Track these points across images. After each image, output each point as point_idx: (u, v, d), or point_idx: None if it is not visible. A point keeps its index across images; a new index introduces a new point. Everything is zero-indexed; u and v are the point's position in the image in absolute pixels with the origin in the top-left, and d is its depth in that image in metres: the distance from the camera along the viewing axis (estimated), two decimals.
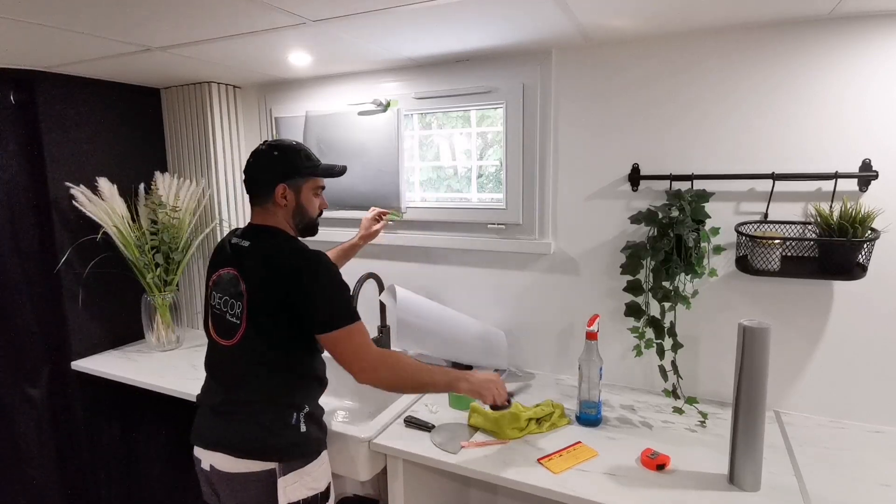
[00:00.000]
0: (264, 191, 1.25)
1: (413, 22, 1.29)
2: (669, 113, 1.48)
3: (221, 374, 1.26)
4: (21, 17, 1.23)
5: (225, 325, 1.23)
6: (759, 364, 1.08)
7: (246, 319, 1.19)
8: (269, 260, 1.20)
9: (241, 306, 1.20)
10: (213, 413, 1.24)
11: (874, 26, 1.25)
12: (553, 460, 1.23)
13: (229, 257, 1.26)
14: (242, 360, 1.21)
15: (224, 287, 1.24)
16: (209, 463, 1.21)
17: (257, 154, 1.27)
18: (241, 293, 1.20)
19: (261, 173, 1.26)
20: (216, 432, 1.21)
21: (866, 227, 1.26)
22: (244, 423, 1.19)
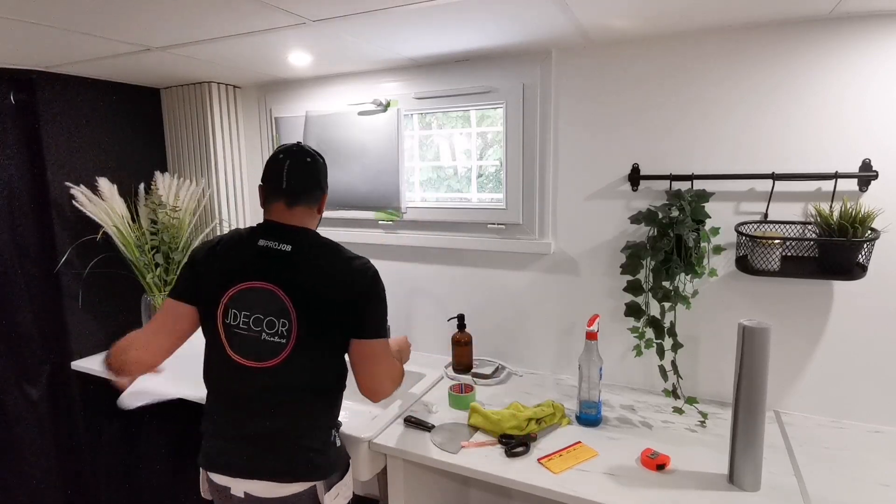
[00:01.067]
0: (316, 196, 1.20)
1: (413, 22, 1.29)
2: (669, 113, 1.48)
3: (253, 402, 1.13)
4: (21, 17, 1.22)
5: (257, 347, 1.11)
6: (759, 364, 1.08)
7: (295, 338, 1.10)
8: (326, 271, 1.12)
9: (289, 324, 1.09)
10: (247, 443, 1.14)
11: (874, 26, 1.25)
12: (553, 460, 1.23)
13: (258, 267, 1.12)
14: (285, 384, 1.12)
15: (253, 304, 1.11)
16: (244, 490, 1.14)
17: (315, 157, 1.20)
18: (286, 310, 1.09)
19: (319, 178, 1.20)
20: (254, 462, 1.13)
21: (866, 227, 1.26)
22: (287, 450, 1.13)
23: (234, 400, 1.16)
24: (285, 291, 1.10)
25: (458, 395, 1.52)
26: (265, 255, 1.13)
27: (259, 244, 1.14)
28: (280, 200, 1.16)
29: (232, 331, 1.13)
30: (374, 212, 1.93)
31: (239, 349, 1.13)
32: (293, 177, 1.16)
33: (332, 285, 1.12)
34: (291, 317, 1.10)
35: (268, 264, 1.13)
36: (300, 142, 1.26)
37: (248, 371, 1.12)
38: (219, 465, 1.16)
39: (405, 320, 1.98)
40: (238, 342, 1.13)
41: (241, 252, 1.16)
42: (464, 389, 1.54)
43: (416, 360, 1.89)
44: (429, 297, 1.92)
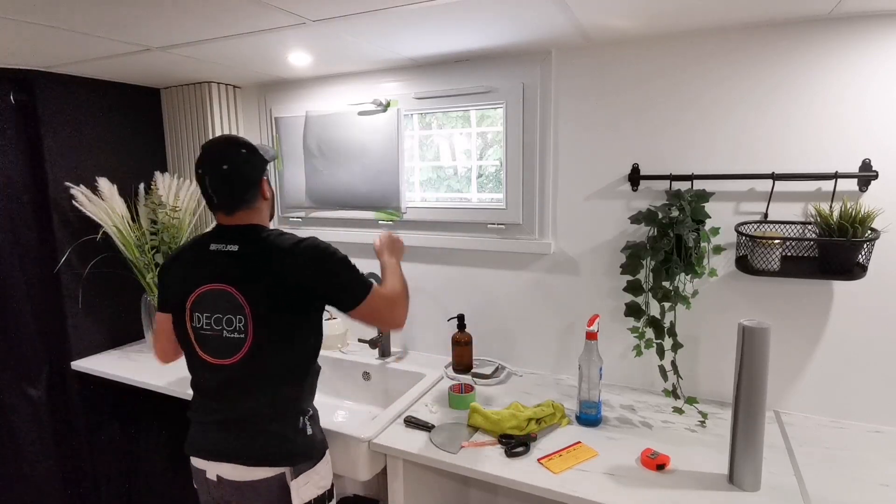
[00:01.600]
0: (253, 192, 1.21)
1: (413, 22, 1.29)
2: (669, 113, 1.48)
3: (222, 395, 1.20)
4: (21, 17, 1.22)
5: (220, 345, 1.17)
6: (759, 364, 1.08)
7: (252, 332, 1.14)
8: (271, 262, 1.15)
9: (244, 320, 1.14)
10: (218, 428, 1.21)
11: (874, 26, 1.25)
12: (553, 460, 1.23)
13: (212, 269, 1.17)
14: (248, 377, 1.17)
15: (212, 305, 1.16)
16: (216, 473, 1.20)
17: (230, 161, 1.18)
18: (241, 306, 1.14)
19: (246, 178, 1.19)
20: (224, 445, 1.20)
21: (866, 227, 1.26)
22: (255, 435, 1.18)
23: (208, 391, 1.23)
24: (237, 289, 1.15)
25: (458, 395, 1.52)
26: (216, 257, 1.19)
27: (210, 248, 1.20)
28: (219, 212, 1.22)
29: (199, 333, 1.19)
30: (374, 212, 1.93)
31: (207, 349, 1.19)
32: (218, 192, 1.19)
33: (282, 274, 1.15)
34: (245, 312, 1.15)
35: (219, 266, 1.18)
36: (220, 138, 1.22)
37: (218, 367, 1.19)
38: (195, 448, 1.24)
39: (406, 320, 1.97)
40: (205, 342, 1.19)
41: (198, 257, 1.21)
42: (464, 389, 1.54)
43: (416, 360, 1.90)
44: (429, 297, 1.92)
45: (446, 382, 1.69)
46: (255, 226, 1.22)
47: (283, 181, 2.12)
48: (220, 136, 1.24)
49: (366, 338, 1.89)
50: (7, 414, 1.81)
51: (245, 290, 1.14)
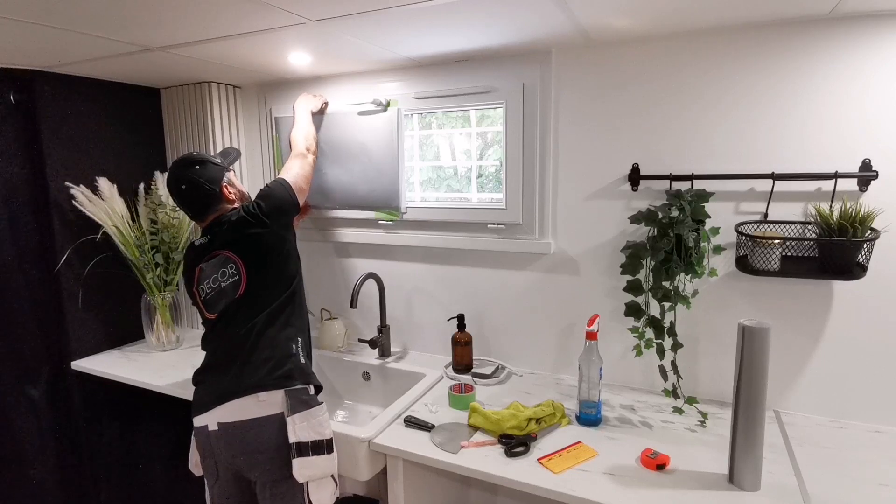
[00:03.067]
0: (214, 200, 1.44)
1: (413, 22, 1.29)
2: (669, 112, 1.48)
3: (223, 337, 1.36)
4: (21, 17, 1.23)
5: (221, 294, 1.37)
6: (759, 364, 1.08)
7: (244, 269, 1.35)
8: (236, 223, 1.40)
9: (235, 264, 1.36)
10: (218, 377, 1.34)
11: (874, 26, 1.25)
12: (553, 460, 1.23)
13: (198, 254, 1.43)
14: (246, 309, 1.35)
15: (206, 273, 1.39)
16: (216, 421, 1.29)
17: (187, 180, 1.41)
18: (228, 258, 1.37)
19: (204, 190, 1.42)
20: (222, 389, 1.31)
21: (866, 227, 1.26)
22: (252, 363, 1.31)
23: (212, 346, 1.40)
24: (221, 249, 1.39)
25: (458, 395, 1.52)
26: (198, 249, 1.45)
27: (195, 244, 1.46)
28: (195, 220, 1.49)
29: (206, 300, 1.40)
30: (374, 212, 1.93)
31: (212, 307, 1.39)
32: (188, 207, 1.45)
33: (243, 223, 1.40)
34: (233, 259, 1.37)
35: (201, 251, 1.44)
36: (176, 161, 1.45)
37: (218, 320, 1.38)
38: (198, 406, 1.34)
39: (406, 320, 1.98)
40: (210, 303, 1.39)
41: (190, 253, 1.48)
42: (464, 389, 1.54)
43: (415, 359, 1.90)
44: (429, 297, 1.92)
45: (446, 382, 1.69)
46: (218, 218, 1.44)
47: None
48: (179, 158, 1.47)
49: (366, 338, 1.89)
50: (7, 414, 1.81)
51: (228, 245, 1.38)
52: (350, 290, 1.75)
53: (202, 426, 1.32)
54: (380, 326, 1.91)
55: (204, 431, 1.32)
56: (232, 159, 1.56)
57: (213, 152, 2.10)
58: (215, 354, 1.39)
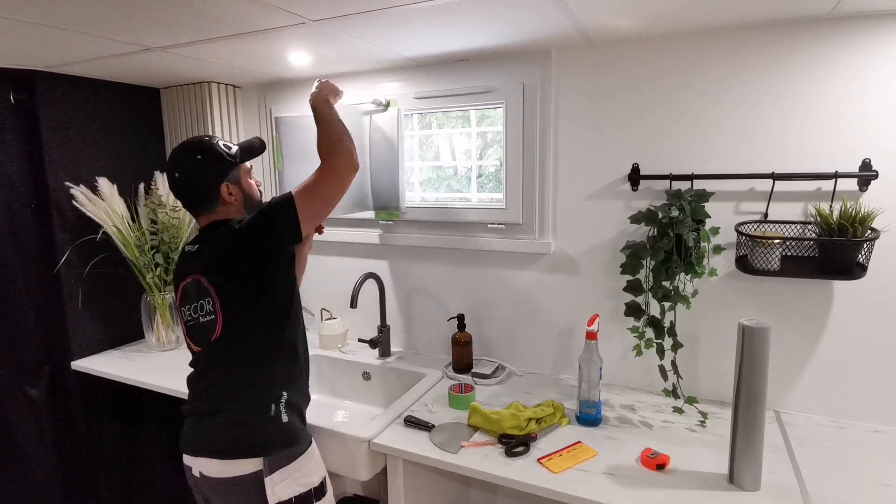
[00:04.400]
0: (208, 198, 1.25)
1: (413, 22, 1.29)
2: (669, 112, 1.48)
3: (201, 380, 1.25)
4: (21, 17, 1.22)
5: (200, 330, 1.21)
6: (759, 364, 1.08)
7: (220, 309, 1.18)
8: (220, 240, 1.21)
9: (212, 300, 1.18)
10: (197, 419, 1.23)
11: (874, 26, 1.25)
12: (553, 460, 1.23)
13: (185, 267, 1.26)
14: (221, 358, 1.21)
15: (190, 296, 1.23)
16: (199, 470, 1.20)
17: (181, 168, 1.24)
18: (206, 289, 1.19)
19: (198, 185, 1.24)
20: (200, 437, 1.21)
21: (866, 227, 1.26)
22: (225, 423, 1.19)
23: (193, 381, 1.27)
24: (202, 275, 1.20)
25: (458, 394, 1.52)
26: (187, 256, 1.28)
27: (185, 250, 1.29)
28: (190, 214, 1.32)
29: (188, 325, 1.25)
30: (373, 211, 1.93)
31: (193, 337, 1.25)
32: (179, 198, 1.28)
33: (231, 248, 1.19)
34: (211, 293, 1.19)
35: (188, 263, 1.26)
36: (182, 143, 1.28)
37: (199, 355, 1.25)
38: (183, 443, 1.25)
39: (406, 320, 1.98)
40: (192, 332, 1.24)
41: (180, 260, 1.32)
42: (464, 389, 1.54)
43: (416, 360, 1.90)
44: (429, 297, 1.92)
45: (446, 382, 1.69)
46: (216, 222, 1.26)
47: (284, 181, 2.11)
48: (186, 140, 1.29)
49: (366, 338, 1.89)
50: (7, 414, 1.81)
51: (207, 274, 1.19)
52: (350, 290, 1.75)
53: (188, 466, 1.24)
54: (380, 326, 1.91)
55: (190, 472, 1.24)
56: (250, 154, 1.33)
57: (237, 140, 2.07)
58: (196, 395, 1.26)
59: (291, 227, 1.19)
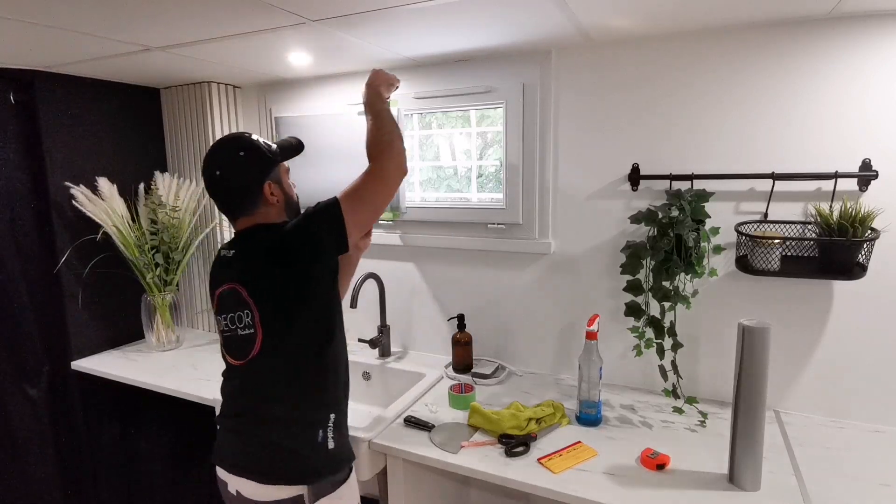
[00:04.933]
0: (250, 198, 1.15)
1: (413, 22, 1.29)
2: (669, 113, 1.48)
3: (242, 397, 1.16)
4: (21, 17, 1.22)
5: (238, 343, 1.13)
6: (759, 364, 1.08)
7: (259, 323, 1.09)
8: (260, 247, 1.12)
9: (251, 313, 1.10)
10: (237, 437, 1.15)
11: (874, 26, 1.25)
12: (553, 460, 1.23)
13: (221, 273, 1.17)
14: (262, 377, 1.13)
15: (226, 305, 1.14)
16: (236, 489, 1.13)
17: (222, 166, 1.14)
18: (245, 301, 1.10)
19: (239, 183, 1.14)
20: (241, 458, 1.14)
21: (866, 227, 1.26)
22: (270, 447, 1.11)
23: (230, 394, 1.20)
24: (241, 285, 1.11)
25: (458, 394, 1.52)
26: (224, 261, 1.18)
27: (221, 254, 1.19)
28: (226, 217, 1.21)
29: (224, 335, 1.17)
30: None
31: (228, 349, 1.17)
32: (217, 198, 1.18)
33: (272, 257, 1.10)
34: (250, 306, 1.10)
35: (226, 269, 1.16)
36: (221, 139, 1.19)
37: (237, 369, 1.16)
38: (219, 457, 1.18)
39: (406, 320, 1.98)
40: (228, 343, 1.17)
41: (216, 263, 1.21)
42: (464, 389, 1.54)
43: (415, 360, 1.90)
44: (429, 297, 1.92)
45: (446, 382, 1.69)
46: (256, 226, 1.17)
47: None
48: (225, 136, 1.20)
49: (366, 338, 1.89)
50: (7, 414, 1.81)
51: (246, 284, 1.11)
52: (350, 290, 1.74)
53: (223, 480, 1.17)
54: (380, 326, 1.91)
55: (225, 487, 1.17)
56: (290, 153, 1.25)
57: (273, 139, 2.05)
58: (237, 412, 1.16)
59: (338, 236, 1.11)
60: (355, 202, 1.13)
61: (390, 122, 1.21)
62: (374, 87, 1.26)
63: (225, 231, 2.14)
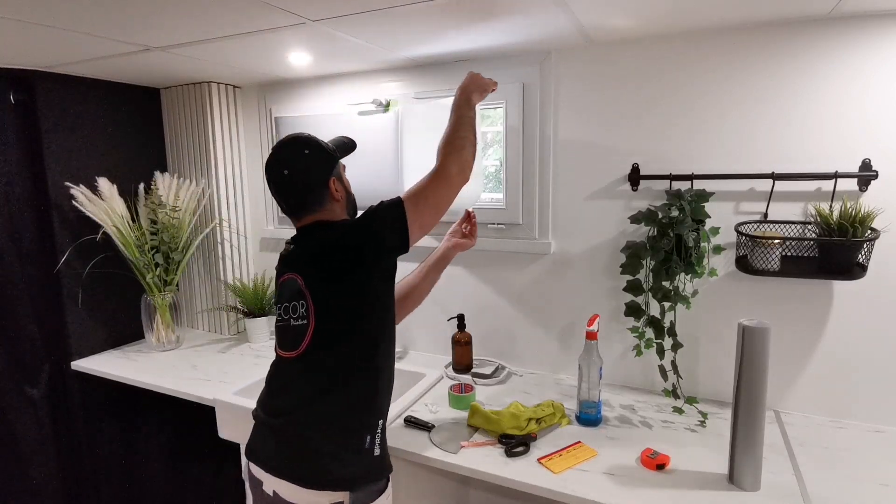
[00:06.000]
0: (317, 195, 1.17)
1: (413, 22, 1.29)
2: (669, 112, 1.48)
3: (287, 394, 1.14)
4: (21, 17, 1.23)
5: (290, 334, 1.13)
6: (759, 364, 1.08)
7: (314, 314, 1.09)
8: (322, 239, 1.14)
9: (306, 304, 1.10)
10: (277, 433, 1.12)
11: (874, 26, 1.25)
12: (553, 460, 1.23)
13: (282, 265, 1.20)
14: (314, 370, 1.11)
15: (284, 295, 1.16)
16: (273, 489, 1.10)
17: (289, 165, 1.16)
18: (302, 290, 1.11)
19: (307, 181, 1.16)
20: (281, 456, 1.11)
21: (866, 227, 1.26)
22: (313, 450, 1.09)
23: (278, 391, 1.17)
24: (298, 274, 1.13)
25: (458, 394, 1.52)
26: (284, 255, 1.21)
27: (284, 248, 1.22)
28: (290, 217, 1.22)
29: (277, 325, 1.18)
30: None
31: (281, 341, 1.17)
32: (282, 199, 1.20)
33: (333, 251, 1.11)
34: (306, 296, 1.10)
35: (286, 261, 1.20)
36: (285, 139, 1.21)
37: (288, 362, 1.15)
38: (255, 454, 1.15)
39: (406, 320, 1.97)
40: (282, 333, 1.17)
41: (280, 258, 1.23)
42: (464, 389, 1.54)
43: (415, 360, 1.90)
44: (429, 297, 1.91)
45: (446, 382, 1.69)
46: (318, 222, 1.18)
47: None
48: (285, 137, 1.21)
49: None
50: (7, 414, 1.81)
51: (305, 274, 1.12)
52: None
53: (258, 479, 1.13)
54: None
55: (259, 486, 1.13)
56: (346, 150, 1.27)
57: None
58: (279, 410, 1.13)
59: (399, 234, 1.10)
60: (418, 202, 1.13)
61: (468, 130, 1.21)
62: (467, 92, 1.26)
63: (226, 230, 2.14)
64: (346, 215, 1.24)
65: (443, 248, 1.49)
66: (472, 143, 1.21)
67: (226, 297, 2.16)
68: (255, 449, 1.16)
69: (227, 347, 2.05)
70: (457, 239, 1.50)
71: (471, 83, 1.28)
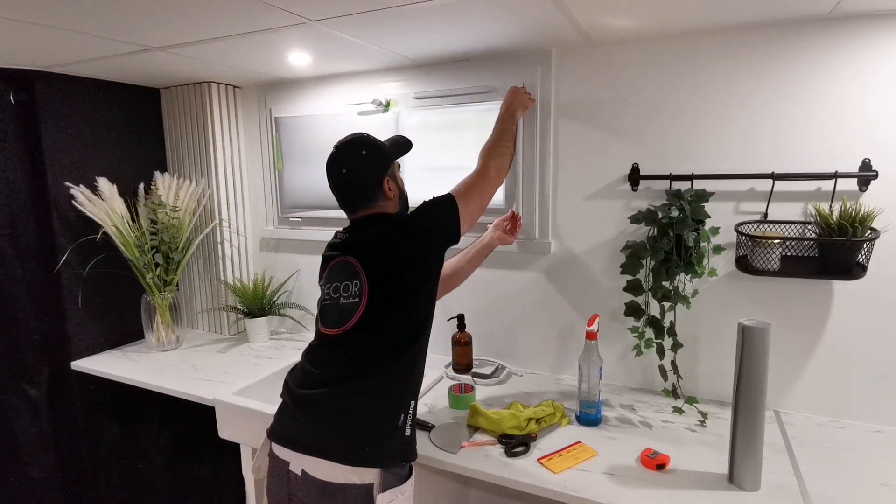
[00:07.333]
0: (372, 193, 1.25)
1: (413, 22, 1.29)
2: (669, 112, 1.48)
3: (326, 368, 1.17)
4: (21, 17, 1.23)
5: (337, 311, 1.18)
6: (759, 364, 1.08)
7: (367, 294, 1.15)
8: (379, 228, 1.22)
9: (360, 283, 1.16)
10: (309, 410, 1.14)
11: (874, 26, 1.25)
12: (553, 460, 1.23)
13: (333, 250, 1.26)
14: (357, 347, 1.15)
15: (335, 275, 1.21)
16: (301, 468, 1.11)
17: (348, 164, 1.24)
18: (357, 272, 1.17)
19: (363, 180, 1.25)
20: (314, 435, 1.12)
21: (866, 227, 1.26)
22: (349, 424, 1.11)
23: (316, 367, 1.19)
24: (354, 257, 1.19)
25: (458, 395, 1.52)
26: (337, 242, 1.28)
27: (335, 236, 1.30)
28: (345, 211, 1.30)
29: (322, 306, 1.24)
30: None
31: (326, 320, 1.21)
32: (341, 195, 1.28)
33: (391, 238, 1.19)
34: (361, 276, 1.17)
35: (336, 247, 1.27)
36: (345, 139, 1.28)
37: (330, 339, 1.19)
38: (282, 436, 1.16)
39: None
40: (327, 311, 1.21)
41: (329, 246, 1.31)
42: (464, 389, 1.54)
43: None
44: None
45: (446, 382, 1.69)
46: (373, 214, 1.26)
47: (283, 181, 2.12)
48: (347, 136, 1.29)
49: None
50: (7, 414, 1.81)
51: (361, 258, 1.18)
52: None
53: (283, 460, 1.14)
54: None
55: (284, 467, 1.14)
56: (401, 150, 1.34)
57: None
58: (314, 383, 1.16)
59: (452, 226, 1.23)
60: (467, 197, 1.27)
61: (509, 140, 1.40)
62: (511, 109, 1.44)
63: (226, 230, 2.14)
64: (399, 210, 1.31)
65: (487, 237, 1.57)
66: (511, 153, 1.40)
67: (226, 297, 2.16)
68: (282, 428, 1.17)
69: (227, 347, 2.05)
70: (500, 232, 1.58)
71: (515, 101, 1.45)
